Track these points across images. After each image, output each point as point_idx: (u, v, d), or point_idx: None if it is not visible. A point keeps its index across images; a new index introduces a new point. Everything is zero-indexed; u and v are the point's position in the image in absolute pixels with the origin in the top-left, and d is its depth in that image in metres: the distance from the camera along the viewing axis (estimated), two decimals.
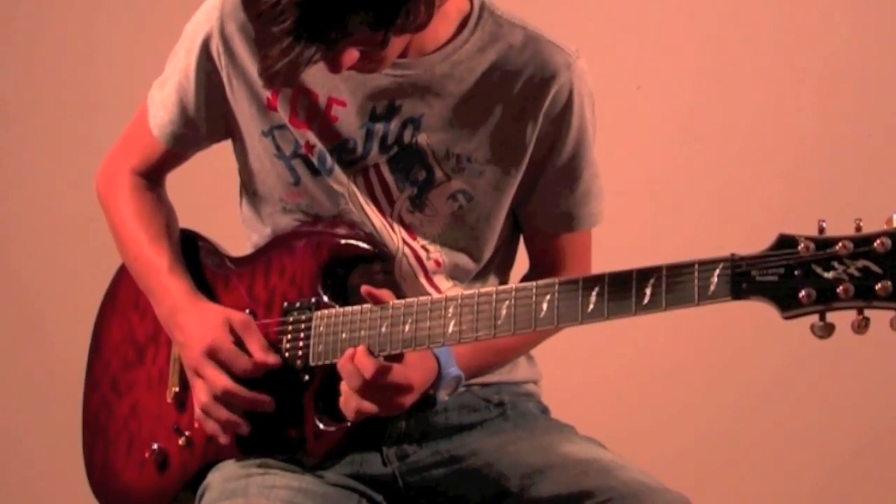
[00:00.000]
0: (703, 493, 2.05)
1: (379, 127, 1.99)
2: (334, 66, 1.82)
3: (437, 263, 2.04)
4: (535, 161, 2.02)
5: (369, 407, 1.87)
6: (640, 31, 3.24)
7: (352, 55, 1.81)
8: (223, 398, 1.95)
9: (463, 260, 2.05)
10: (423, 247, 2.03)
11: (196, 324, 2.00)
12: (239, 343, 1.97)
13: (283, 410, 1.97)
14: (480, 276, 2.08)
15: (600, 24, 3.19)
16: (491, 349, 2.01)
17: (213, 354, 1.96)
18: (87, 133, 3.23)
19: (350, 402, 1.89)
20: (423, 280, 2.03)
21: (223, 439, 1.98)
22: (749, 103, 3.22)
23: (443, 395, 1.95)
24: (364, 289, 1.90)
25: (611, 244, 2.14)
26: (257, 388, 1.96)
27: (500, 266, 2.12)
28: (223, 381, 1.95)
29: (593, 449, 2.03)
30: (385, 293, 1.91)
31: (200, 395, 1.97)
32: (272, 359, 1.96)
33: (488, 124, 1.98)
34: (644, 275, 1.66)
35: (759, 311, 1.60)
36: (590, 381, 3.22)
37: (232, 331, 1.98)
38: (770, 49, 3.21)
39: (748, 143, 3.20)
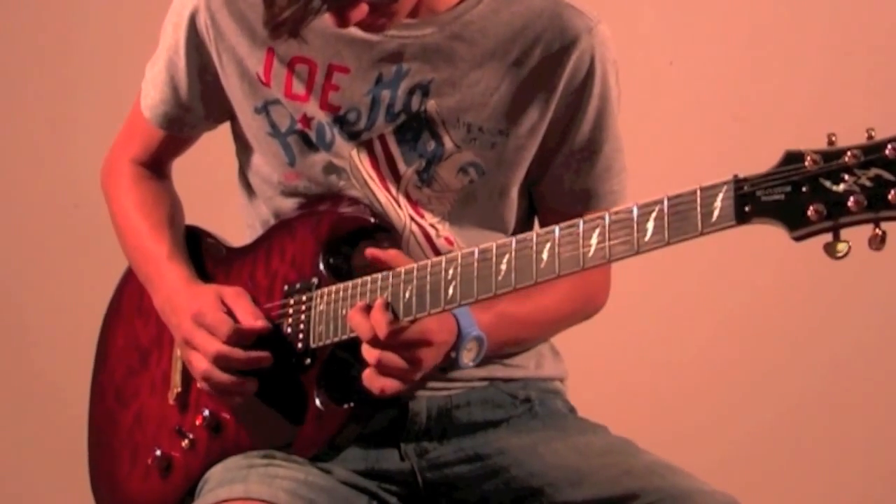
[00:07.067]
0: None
1: (385, 93, 1.99)
2: (342, 20, 1.84)
3: (449, 242, 2.03)
4: (553, 133, 2.01)
5: (394, 360, 1.84)
6: (672, 1, 3.22)
7: (361, 9, 1.83)
8: (219, 362, 1.95)
9: (481, 237, 2.03)
10: (432, 225, 2.03)
11: (188, 302, 2.01)
12: (229, 314, 1.98)
13: (286, 398, 1.97)
14: None
15: None
16: (510, 319, 1.99)
17: (199, 319, 1.97)
18: (70, 117, 3.28)
19: (367, 354, 1.85)
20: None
21: (237, 401, 1.99)
22: (791, 80, 3.19)
23: (466, 359, 1.91)
24: (369, 251, 1.90)
25: None
26: (256, 375, 1.97)
27: None
28: (215, 344, 1.95)
29: (633, 450, 2.01)
30: (392, 254, 1.89)
31: (198, 364, 1.97)
32: (260, 323, 1.96)
33: (502, 91, 1.99)
34: (645, 209, 1.65)
35: (799, 307, 1.56)
36: (615, 381, 3.20)
37: (222, 302, 1.99)
38: (814, 20, 3.19)
39: (790, 123, 3.16)
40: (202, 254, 2.15)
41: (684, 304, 3.19)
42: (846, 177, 1.51)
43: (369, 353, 1.85)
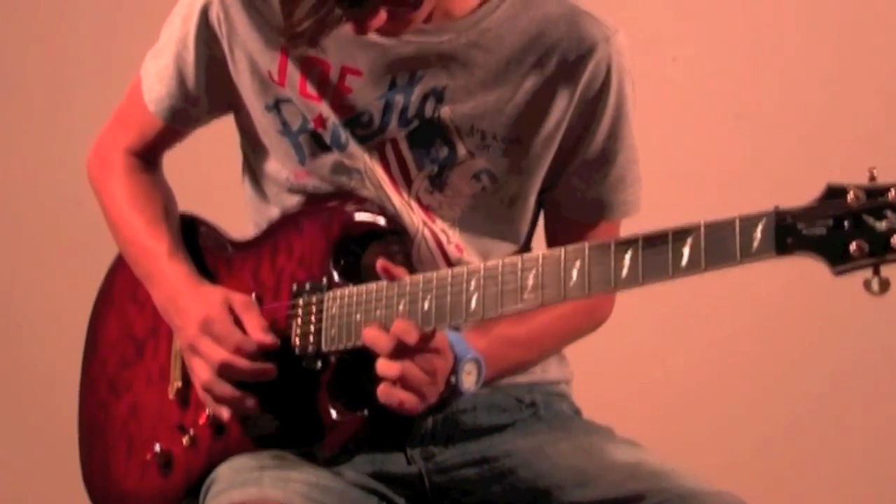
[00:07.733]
0: None
1: (399, 98, 1.98)
2: (362, 28, 1.83)
3: (459, 249, 2.03)
4: (567, 142, 2.01)
5: (417, 373, 1.83)
6: None
7: (381, 16, 1.82)
8: (223, 372, 1.94)
9: (491, 245, 2.04)
10: (443, 230, 2.03)
11: (194, 305, 1.99)
12: (237, 323, 1.96)
13: (296, 401, 1.96)
14: None
15: None
16: (510, 342, 2.00)
17: (207, 327, 1.96)
18: (69, 116, 3.25)
19: (388, 369, 1.83)
20: (443, 266, 2.02)
21: (226, 415, 1.97)
22: (794, 77, 3.19)
23: (467, 384, 1.90)
24: (380, 263, 1.89)
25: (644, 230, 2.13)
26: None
27: None
28: (220, 353, 1.94)
29: (639, 451, 2.02)
30: (401, 272, 1.89)
31: (201, 372, 1.96)
32: (269, 339, 1.95)
33: (517, 99, 1.98)
34: (681, 234, 1.65)
35: (807, 311, 1.56)
36: (620, 384, 3.21)
37: (231, 310, 1.97)
38: (818, 17, 3.19)
39: (793, 121, 3.17)
40: (200, 246, 2.12)
41: (689, 307, 3.19)
42: (889, 214, 1.53)
43: (390, 367, 1.84)
